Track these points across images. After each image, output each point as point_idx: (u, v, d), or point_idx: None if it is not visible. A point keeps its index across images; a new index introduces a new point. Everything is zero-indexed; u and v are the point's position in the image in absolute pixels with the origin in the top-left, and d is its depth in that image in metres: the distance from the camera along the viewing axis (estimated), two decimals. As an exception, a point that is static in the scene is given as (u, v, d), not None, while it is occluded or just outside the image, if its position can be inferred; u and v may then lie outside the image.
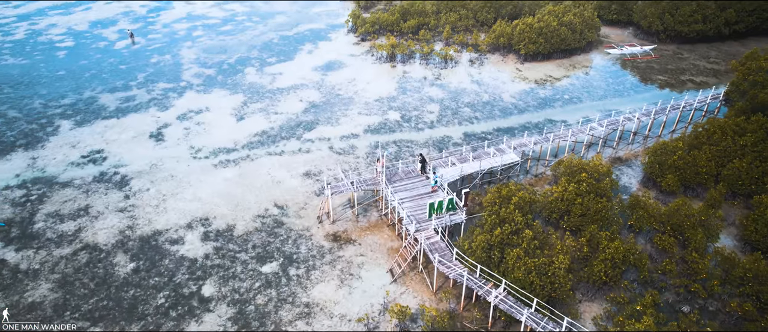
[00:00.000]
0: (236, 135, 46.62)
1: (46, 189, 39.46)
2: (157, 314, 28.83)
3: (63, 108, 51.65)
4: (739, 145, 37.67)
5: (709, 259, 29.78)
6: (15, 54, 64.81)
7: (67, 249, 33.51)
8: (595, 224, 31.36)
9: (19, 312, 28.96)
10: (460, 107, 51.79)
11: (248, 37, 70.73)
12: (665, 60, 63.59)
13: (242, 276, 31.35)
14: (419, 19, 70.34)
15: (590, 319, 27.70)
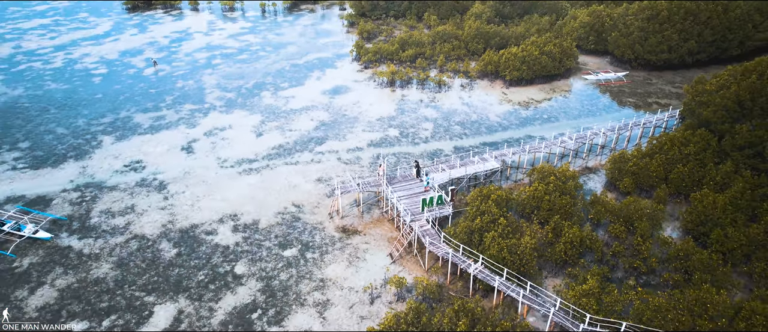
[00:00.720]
0: (256, 148, 53.72)
1: (96, 192, 46.33)
2: (199, 287, 35.31)
3: (104, 126, 58.93)
4: (683, 154, 44.63)
5: (652, 243, 36.38)
6: (56, 80, 72.56)
7: (120, 238, 40.18)
8: (559, 216, 38.05)
9: (87, 285, 35.47)
10: (451, 125, 59.04)
11: (263, 65, 78.61)
12: (636, 85, 71.21)
13: (267, 259, 37.93)
14: (416, 49, 78.34)
15: (552, 287, 34.11)
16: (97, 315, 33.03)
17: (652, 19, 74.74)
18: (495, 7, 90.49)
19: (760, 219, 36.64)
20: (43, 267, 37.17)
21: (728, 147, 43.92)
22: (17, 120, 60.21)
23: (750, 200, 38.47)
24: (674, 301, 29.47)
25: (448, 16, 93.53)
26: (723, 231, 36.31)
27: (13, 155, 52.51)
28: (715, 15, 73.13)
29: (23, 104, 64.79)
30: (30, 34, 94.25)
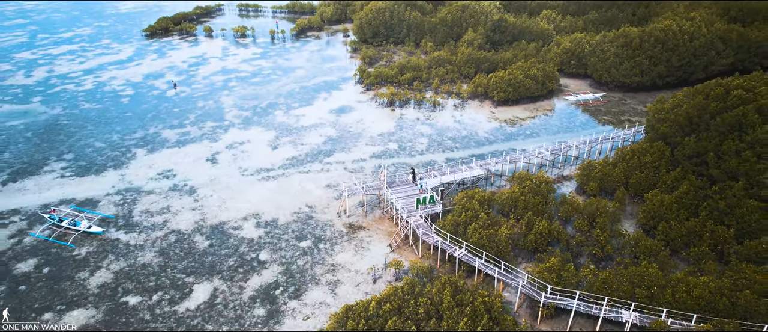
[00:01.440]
0: (273, 159, 61.16)
1: (135, 195, 53.60)
2: (230, 270, 42.31)
3: (136, 140, 66.50)
4: (642, 162, 52.02)
5: (610, 235, 43.45)
6: (89, 101, 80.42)
7: (160, 233, 47.30)
8: (531, 212, 45.22)
9: (136, 269, 42.49)
10: (444, 139, 66.60)
11: (275, 87, 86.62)
12: (611, 105, 79.04)
13: (286, 248, 44.99)
14: (414, 73, 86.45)
15: (523, 269, 41.06)
16: (147, 291, 39.98)
17: (625, 46, 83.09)
18: (486, 35, 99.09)
19: (700, 214, 43.80)
20: (98, 255, 44.23)
21: (679, 156, 51.26)
22: (60, 135, 67.80)
23: (693, 199, 45.67)
24: (618, 275, 36.50)
25: (443, 43, 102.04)
26: (668, 224, 43.45)
27: (60, 165, 59.93)
28: (682, 43, 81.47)
29: (63, 121, 72.48)
30: (60, 60, 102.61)
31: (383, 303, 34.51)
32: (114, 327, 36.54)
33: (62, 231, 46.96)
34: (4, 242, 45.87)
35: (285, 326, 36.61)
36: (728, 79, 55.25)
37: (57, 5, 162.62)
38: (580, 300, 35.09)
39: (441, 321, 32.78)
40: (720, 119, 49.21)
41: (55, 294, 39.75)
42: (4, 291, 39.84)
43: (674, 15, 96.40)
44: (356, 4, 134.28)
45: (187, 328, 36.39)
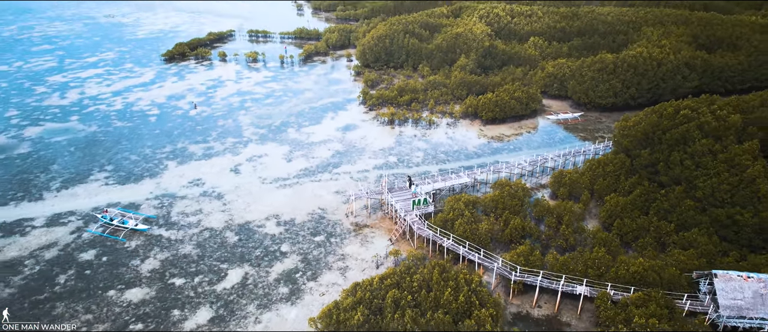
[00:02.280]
0: (288, 170, 70.13)
1: (171, 200, 62.43)
2: (257, 259, 50.89)
3: (166, 154, 75.57)
4: (606, 171, 60.97)
5: (574, 230, 52.10)
6: (121, 119, 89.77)
7: (195, 230, 56.00)
8: (508, 212, 53.96)
9: (179, 258, 51.10)
10: (437, 153, 75.66)
11: (286, 107, 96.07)
12: (589, 123, 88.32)
13: (303, 242, 53.65)
14: (412, 95, 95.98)
15: (500, 256, 49.62)
16: (190, 274, 48.57)
17: (601, 71, 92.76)
18: (477, 60, 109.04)
19: (649, 213, 52.53)
20: (146, 248, 52.88)
21: (637, 166, 60.22)
22: (99, 150, 76.90)
23: (644, 200, 54.47)
24: (574, 259, 45.14)
25: (439, 68, 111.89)
26: (622, 221, 52.16)
27: (103, 175, 68.90)
28: (651, 68, 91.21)
29: (100, 137, 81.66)
30: (89, 82, 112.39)
31: (385, 279, 43.08)
32: (166, 303, 45.02)
33: (114, 228, 55.68)
34: (67, 236, 54.60)
35: (304, 300, 45.12)
36: (679, 101, 64.62)
37: (79, 31, 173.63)
38: (544, 278, 43.62)
39: (430, 292, 41.29)
40: (669, 135, 58.36)
41: (114, 277, 48.33)
42: (73, 275, 48.46)
43: (648, 43, 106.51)
44: (359, 31, 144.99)
45: (223, 304, 44.86)
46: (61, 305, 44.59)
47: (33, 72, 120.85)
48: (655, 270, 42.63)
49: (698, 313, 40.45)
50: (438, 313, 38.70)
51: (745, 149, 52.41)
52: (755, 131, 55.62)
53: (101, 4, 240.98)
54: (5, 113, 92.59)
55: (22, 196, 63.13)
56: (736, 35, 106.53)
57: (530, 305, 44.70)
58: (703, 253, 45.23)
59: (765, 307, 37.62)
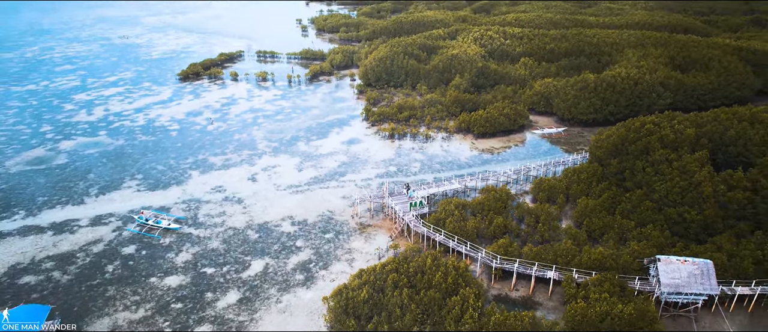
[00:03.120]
0: (299, 178, 78.58)
1: (197, 204, 70.78)
2: (275, 252, 59.03)
3: (189, 164, 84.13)
4: (580, 178, 69.35)
5: (550, 228, 60.29)
6: (145, 133, 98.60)
7: (220, 229, 64.27)
8: (492, 212, 62.22)
9: (208, 252, 59.28)
10: (433, 164, 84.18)
11: (295, 123, 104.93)
12: (571, 137, 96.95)
13: (315, 239, 61.86)
14: (410, 112, 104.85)
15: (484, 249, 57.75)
16: (218, 265, 56.71)
17: (583, 89, 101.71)
18: (471, 80, 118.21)
19: (615, 213, 60.75)
20: (178, 244, 61.09)
21: (607, 173, 68.58)
22: (128, 161, 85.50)
23: (611, 203, 62.69)
24: (546, 249, 53.31)
25: (435, 87, 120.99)
26: (591, 220, 60.36)
27: (134, 182, 77.38)
28: (628, 87, 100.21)
29: (128, 150, 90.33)
30: (112, 100, 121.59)
31: (386, 266, 51.21)
32: (200, 287, 53.10)
33: (149, 227, 63.97)
34: (110, 234, 62.90)
35: (318, 285, 53.18)
36: (645, 117, 73.34)
37: (97, 52, 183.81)
38: (520, 265, 51.72)
39: (424, 276, 49.38)
40: (634, 146, 66.90)
41: (154, 267, 56.49)
42: (119, 265, 56.63)
43: (628, 63, 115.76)
44: (361, 52, 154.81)
45: (249, 288, 52.94)
46: (112, 288, 52.71)
47: (59, 91, 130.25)
48: (613, 257, 50.79)
49: (647, 292, 48.47)
50: (430, 291, 46.80)
51: (696, 158, 60.90)
52: (706, 143, 64.18)
53: (102, 5, 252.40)
54: (40, 128, 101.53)
55: (67, 200, 71.56)
56: (708, 57, 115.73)
57: (509, 288, 52.72)
58: (655, 244, 53.32)
59: (697, 285, 45.64)
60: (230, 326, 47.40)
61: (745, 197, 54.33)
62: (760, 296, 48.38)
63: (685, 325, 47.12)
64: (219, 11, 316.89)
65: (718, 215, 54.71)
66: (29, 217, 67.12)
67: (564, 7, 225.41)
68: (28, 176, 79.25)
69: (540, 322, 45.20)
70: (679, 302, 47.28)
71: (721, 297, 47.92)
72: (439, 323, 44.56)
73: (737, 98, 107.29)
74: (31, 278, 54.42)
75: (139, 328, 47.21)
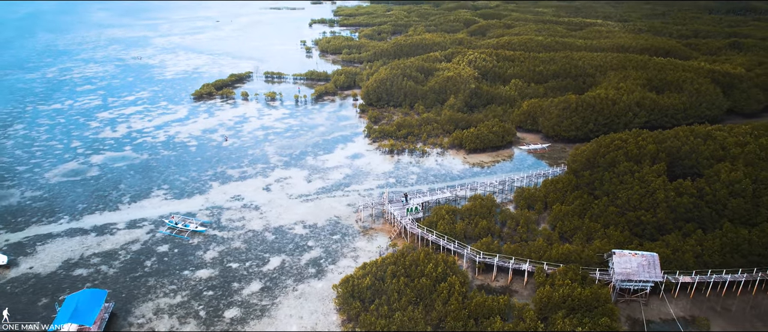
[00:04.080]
0: (309, 189, 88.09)
1: (220, 211, 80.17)
2: (290, 251, 68.25)
3: (209, 176, 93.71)
4: (557, 188, 78.84)
5: (527, 230, 69.53)
6: (166, 149, 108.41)
7: (241, 231, 73.57)
8: (478, 216, 71.56)
9: (232, 250, 68.52)
10: (428, 176, 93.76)
11: (303, 139, 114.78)
12: (555, 152, 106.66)
13: (324, 239, 71.14)
14: (408, 129, 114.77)
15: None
16: (242, 261, 65.90)
17: (566, 109, 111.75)
18: (465, 100, 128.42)
19: (584, 217, 70.08)
20: (205, 243, 70.35)
21: (581, 183, 78.06)
22: (154, 173, 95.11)
23: (582, 208, 72.08)
24: (522, 246, 62.59)
25: (432, 106, 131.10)
26: (563, 223, 69.68)
27: (162, 192, 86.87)
28: (606, 107, 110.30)
29: (152, 163, 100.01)
30: (133, 118, 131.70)
31: (386, 260, 60.49)
32: (227, 278, 62.21)
33: (179, 230, 73.29)
34: (144, 236, 72.22)
35: (328, 277, 62.31)
36: (615, 134, 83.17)
37: (113, 72, 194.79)
38: (500, 259, 60.91)
39: (418, 267, 58.56)
40: (603, 159, 76.56)
41: (186, 262, 65.69)
42: (155, 261, 65.87)
43: (608, 85, 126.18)
44: (363, 74, 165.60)
45: (269, 279, 62.05)
46: (152, 279, 61.88)
47: (83, 109, 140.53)
48: (577, 252, 60.06)
49: (606, 281, 57.60)
50: (422, 279, 55.99)
51: (654, 170, 70.50)
52: (664, 156, 73.85)
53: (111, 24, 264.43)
54: (71, 144, 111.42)
55: (104, 207, 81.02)
56: (682, 79, 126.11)
57: (490, 279, 61.83)
58: (615, 242, 62.53)
59: (644, 273, 54.79)
60: (255, 309, 56.47)
61: (691, 202, 63.79)
62: (699, 284, 57.53)
63: (636, 309, 56.15)
64: (226, 33, 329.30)
65: (668, 217, 64.11)
66: (73, 221, 76.50)
67: (555, 30, 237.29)
68: (67, 187, 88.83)
69: (513, 303, 54.29)
70: (631, 288, 56.42)
71: (667, 285, 57.05)
72: (430, 304, 53.65)
73: (707, 117, 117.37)
74: (83, 271, 63.64)
75: (178, 311, 56.28)
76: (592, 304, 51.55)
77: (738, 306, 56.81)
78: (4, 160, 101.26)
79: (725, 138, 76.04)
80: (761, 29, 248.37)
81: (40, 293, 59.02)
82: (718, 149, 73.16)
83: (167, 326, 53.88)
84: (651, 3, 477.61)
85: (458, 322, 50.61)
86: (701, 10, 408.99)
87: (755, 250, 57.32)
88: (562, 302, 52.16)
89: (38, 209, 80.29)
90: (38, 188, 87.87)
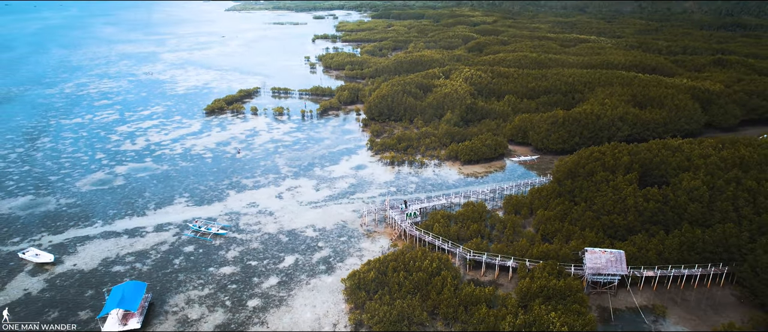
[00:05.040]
0: (317, 197, 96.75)
1: (237, 216, 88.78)
2: (303, 251, 76.74)
3: (226, 185, 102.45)
4: (541, 195, 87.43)
5: (513, 232, 78.00)
6: (184, 160, 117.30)
7: (258, 234, 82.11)
8: (470, 220, 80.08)
9: (250, 250, 77.01)
10: (426, 185, 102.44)
11: (311, 152, 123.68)
12: (543, 163, 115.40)
13: (332, 241, 79.66)
14: (408, 142, 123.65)
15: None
16: (260, 259, 74.36)
17: (553, 124, 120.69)
18: (461, 114, 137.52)
19: (565, 221, 78.58)
20: (226, 244, 78.85)
21: (563, 191, 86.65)
22: (174, 182, 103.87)
23: (563, 213, 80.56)
24: (507, 246, 71.09)
25: (430, 121, 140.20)
26: (545, 226, 78.18)
27: (183, 199, 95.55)
28: (591, 121, 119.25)
29: (172, 174, 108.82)
30: (150, 131, 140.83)
31: (387, 257, 68.93)
32: (248, 274, 70.61)
33: (202, 233, 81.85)
34: (171, 238, 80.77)
35: (336, 273, 70.68)
36: (594, 147, 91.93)
37: (127, 87, 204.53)
38: (488, 257, 69.32)
39: (415, 263, 67.00)
40: (583, 170, 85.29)
41: (210, 260, 74.16)
42: (183, 259, 74.35)
43: (594, 100, 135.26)
44: (365, 90, 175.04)
45: (285, 274, 70.46)
46: (182, 275, 70.31)
47: (103, 123, 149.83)
48: (555, 250, 68.51)
49: (580, 275, 65.95)
50: (419, 273, 64.41)
51: (626, 179, 79.17)
52: (637, 167, 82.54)
53: (122, 40, 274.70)
54: (95, 156, 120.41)
55: (132, 213, 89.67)
56: (663, 95, 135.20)
57: (479, 275, 70.21)
58: (590, 242, 70.96)
59: (612, 268, 63.17)
60: (274, 299, 64.83)
61: (656, 207, 72.34)
62: (662, 277, 65.88)
63: (605, 299, 64.43)
64: (232, 48, 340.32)
65: (637, 220, 72.60)
66: (106, 225, 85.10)
67: (549, 47, 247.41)
68: (97, 195, 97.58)
69: (498, 294, 62.65)
70: (601, 281, 64.77)
71: (633, 278, 65.41)
72: (426, 294, 62.02)
73: (686, 130, 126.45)
74: (120, 267, 72.13)
75: (207, 301, 64.69)
76: (565, 293, 59.87)
77: (694, 297, 65.10)
78: (37, 170, 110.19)
79: (692, 150, 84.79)
80: (747, 46, 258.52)
81: (86, 286, 67.49)
82: (685, 161, 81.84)
83: (198, 313, 62.26)
84: (645, 19, 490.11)
85: (450, 309, 58.98)
86: (694, 26, 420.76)
87: (708, 248, 65.66)
88: (539, 292, 60.49)
89: (74, 214, 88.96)
90: (71, 196, 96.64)
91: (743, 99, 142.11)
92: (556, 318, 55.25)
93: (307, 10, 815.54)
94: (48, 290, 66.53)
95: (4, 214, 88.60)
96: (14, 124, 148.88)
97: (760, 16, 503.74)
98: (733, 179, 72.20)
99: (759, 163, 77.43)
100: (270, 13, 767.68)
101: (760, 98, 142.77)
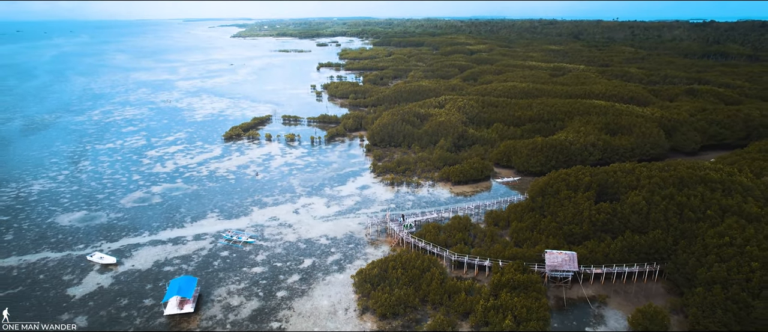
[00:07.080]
0: (328, 212, 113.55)
1: (262, 228, 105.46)
2: (318, 254, 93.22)
3: (250, 202, 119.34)
4: (517, 210, 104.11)
5: (492, 240, 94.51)
6: (210, 181, 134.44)
7: (280, 242, 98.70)
8: (456, 230, 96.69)
9: (275, 255, 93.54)
10: (421, 202, 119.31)
11: (320, 174, 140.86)
12: (524, 183, 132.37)
13: (343, 248, 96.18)
14: (406, 166, 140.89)
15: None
16: (283, 261, 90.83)
17: (533, 149, 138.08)
18: (453, 141, 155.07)
19: (534, 230, 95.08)
20: (255, 250, 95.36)
21: (535, 206, 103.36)
22: (205, 200, 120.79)
23: (533, 225, 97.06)
24: (485, 249, 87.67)
25: (426, 147, 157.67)
26: (518, 235, 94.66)
27: (214, 214, 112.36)
28: (565, 147, 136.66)
29: (202, 193, 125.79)
30: (177, 155, 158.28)
31: (388, 259, 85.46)
32: (275, 272, 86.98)
33: (234, 241, 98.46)
34: (208, 245, 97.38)
35: (347, 272, 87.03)
36: (561, 170, 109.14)
37: (149, 115, 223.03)
38: (469, 258, 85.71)
39: (410, 263, 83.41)
40: (551, 188, 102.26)
41: (243, 262, 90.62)
42: (220, 262, 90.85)
43: (571, 128, 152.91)
44: (368, 118, 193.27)
45: (305, 273, 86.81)
46: (221, 273, 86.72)
47: (133, 148, 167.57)
48: (523, 253, 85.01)
49: (541, 272, 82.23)
50: (413, 270, 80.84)
51: (585, 196, 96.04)
52: (595, 186, 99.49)
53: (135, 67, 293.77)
54: (132, 177, 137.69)
55: (172, 225, 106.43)
56: (633, 123, 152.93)
57: (462, 273, 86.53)
58: (552, 246, 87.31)
59: (566, 266, 79.53)
60: (297, 291, 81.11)
61: (606, 218, 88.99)
62: (607, 274, 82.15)
63: (561, 291, 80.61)
64: (242, 77, 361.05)
65: (591, 229, 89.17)
66: (152, 235, 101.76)
67: (539, 76, 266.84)
68: (140, 211, 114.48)
69: (475, 285, 79.04)
70: (558, 276, 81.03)
71: (585, 275, 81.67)
72: (418, 286, 78.36)
73: (651, 155, 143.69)
74: (170, 268, 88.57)
75: (244, 292, 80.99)
76: (527, 285, 76.17)
77: (633, 289, 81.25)
78: (85, 190, 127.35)
79: (641, 172, 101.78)
80: (723, 75, 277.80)
81: (145, 281, 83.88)
82: (634, 181, 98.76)
83: (238, 301, 78.54)
84: (635, 47, 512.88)
85: (437, 296, 75.28)
86: (680, 53, 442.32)
87: (644, 250, 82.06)
88: (507, 283, 76.80)
89: (124, 226, 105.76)
90: (119, 211, 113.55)
91: (704, 127, 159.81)
92: (518, 302, 71.52)
93: (310, 37, 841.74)
94: (116, 284, 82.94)
95: (67, 226, 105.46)
96: (55, 149, 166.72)
97: (744, 44, 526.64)
98: (667, 195, 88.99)
99: (693, 182, 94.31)
100: (274, 40, 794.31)
101: (719, 126, 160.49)
